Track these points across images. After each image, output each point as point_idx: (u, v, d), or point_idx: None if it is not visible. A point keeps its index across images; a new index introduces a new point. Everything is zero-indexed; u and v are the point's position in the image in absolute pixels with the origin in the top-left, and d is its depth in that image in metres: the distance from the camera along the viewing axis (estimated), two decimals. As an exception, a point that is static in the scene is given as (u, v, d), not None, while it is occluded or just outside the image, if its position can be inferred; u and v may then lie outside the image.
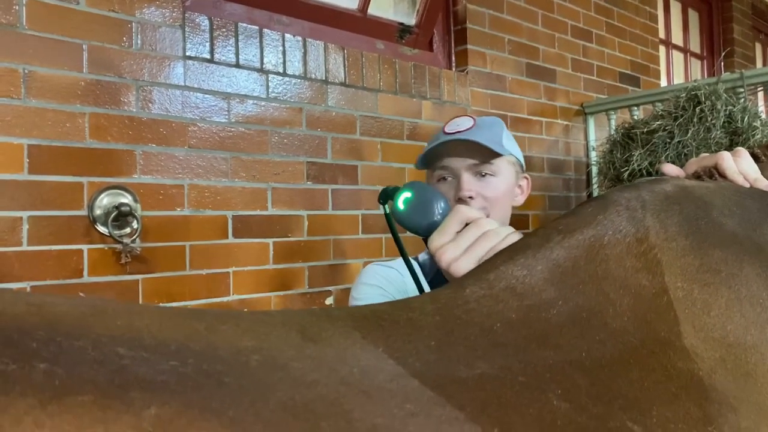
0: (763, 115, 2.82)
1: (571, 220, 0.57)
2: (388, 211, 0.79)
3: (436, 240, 0.70)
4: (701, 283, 0.53)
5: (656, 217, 0.57)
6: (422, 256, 1.35)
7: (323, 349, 0.39)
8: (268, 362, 0.35)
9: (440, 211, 0.73)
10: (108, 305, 0.39)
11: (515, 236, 0.65)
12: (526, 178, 1.38)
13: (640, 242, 0.55)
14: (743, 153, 0.77)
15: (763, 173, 0.77)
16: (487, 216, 1.21)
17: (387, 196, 0.82)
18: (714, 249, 0.55)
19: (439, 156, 1.26)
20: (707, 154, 0.77)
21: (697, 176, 0.75)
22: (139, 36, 1.81)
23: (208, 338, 0.35)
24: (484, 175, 1.24)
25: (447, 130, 1.26)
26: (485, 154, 1.22)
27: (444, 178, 1.27)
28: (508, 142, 1.28)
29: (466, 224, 0.70)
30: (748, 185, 0.75)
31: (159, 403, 0.28)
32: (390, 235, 2.44)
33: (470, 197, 1.22)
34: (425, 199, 0.75)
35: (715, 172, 0.74)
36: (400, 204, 0.76)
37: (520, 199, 1.36)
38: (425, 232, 0.74)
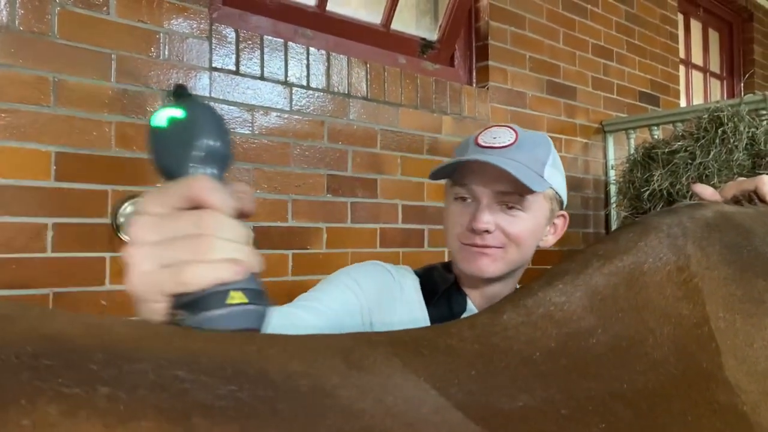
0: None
1: (610, 246, 0.57)
2: (157, 121, 0.50)
3: (148, 201, 0.46)
4: (744, 313, 0.52)
5: (697, 245, 0.56)
6: (420, 271, 1.15)
7: (367, 376, 0.39)
8: (316, 388, 0.35)
9: (200, 164, 0.49)
10: (159, 327, 0.39)
11: (229, 268, 0.45)
12: (564, 216, 1.12)
13: (681, 270, 0.54)
14: None
15: None
16: (501, 249, 1.01)
17: (174, 97, 0.53)
18: (757, 278, 0.55)
19: (463, 173, 1.04)
20: (745, 178, 0.76)
21: (735, 201, 0.74)
22: (166, 47, 1.83)
23: (260, 362, 0.35)
24: (510, 207, 1.02)
25: (481, 141, 1.03)
26: (519, 186, 0.98)
27: (463, 198, 1.05)
28: (551, 171, 1.04)
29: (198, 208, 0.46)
30: None
31: (219, 430, 0.28)
32: (407, 249, 2.45)
33: (487, 231, 1.01)
34: (193, 132, 0.49)
35: (754, 197, 0.73)
36: (161, 118, 0.50)
37: (550, 240, 1.11)
38: (162, 173, 0.50)
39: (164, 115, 0.50)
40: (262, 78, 2.04)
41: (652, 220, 0.60)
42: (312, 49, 2.19)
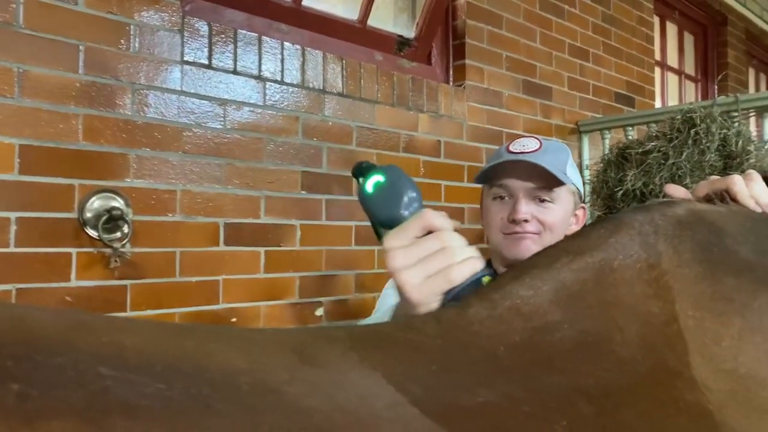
0: (756, 140, 2.82)
1: (581, 242, 0.55)
2: (367, 190, 0.69)
3: (392, 240, 0.63)
4: (713, 312, 0.51)
5: (669, 243, 0.55)
6: None
7: (319, 372, 0.37)
8: (259, 386, 0.33)
9: (409, 208, 0.66)
10: (94, 320, 0.37)
11: (475, 261, 0.62)
12: (583, 208, 1.36)
13: (652, 268, 0.53)
14: (755, 177, 0.76)
15: None
16: (538, 235, 1.22)
17: (361, 172, 0.71)
18: (727, 277, 0.54)
19: (499, 175, 1.25)
20: (717, 177, 0.76)
21: (708, 199, 0.73)
22: (137, 39, 1.79)
23: (198, 358, 0.33)
24: (542, 201, 1.23)
25: (512, 149, 1.25)
26: (547, 180, 1.20)
27: (501, 197, 1.26)
28: (571, 171, 1.26)
29: (429, 232, 0.63)
30: (760, 210, 0.73)
31: (141, 430, 0.26)
32: (382, 247, 2.43)
33: (525, 220, 1.21)
34: (397, 189, 0.67)
35: (726, 196, 0.72)
36: (369, 186, 0.68)
37: (573, 229, 1.32)
38: (384, 225, 0.67)
39: (371, 184, 0.68)
40: (235, 72, 2.01)
41: (623, 217, 0.59)
42: (287, 44, 2.16)
